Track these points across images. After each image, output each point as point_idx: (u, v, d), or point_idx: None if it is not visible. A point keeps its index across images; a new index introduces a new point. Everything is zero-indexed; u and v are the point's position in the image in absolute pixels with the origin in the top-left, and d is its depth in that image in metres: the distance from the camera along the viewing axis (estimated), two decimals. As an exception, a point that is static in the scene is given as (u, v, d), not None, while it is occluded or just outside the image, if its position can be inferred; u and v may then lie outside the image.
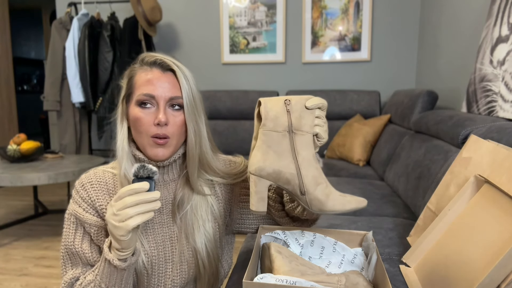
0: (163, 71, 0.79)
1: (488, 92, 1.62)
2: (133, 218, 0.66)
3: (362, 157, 2.55)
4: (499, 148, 0.82)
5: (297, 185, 0.68)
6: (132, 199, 0.66)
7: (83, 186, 0.82)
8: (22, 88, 6.98)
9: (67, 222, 0.82)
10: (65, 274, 0.81)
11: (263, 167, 0.68)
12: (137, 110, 0.78)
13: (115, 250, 0.71)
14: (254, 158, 0.69)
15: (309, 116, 0.69)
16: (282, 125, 0.69)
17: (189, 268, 0.85)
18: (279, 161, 0.68)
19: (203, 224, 0.85)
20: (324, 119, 0.71)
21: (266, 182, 0.69)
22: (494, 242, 0.67)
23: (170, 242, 0.84)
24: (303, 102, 0.70)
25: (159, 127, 0.76)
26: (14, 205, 3.24)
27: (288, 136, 0.69)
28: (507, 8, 1.58)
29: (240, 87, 3.32)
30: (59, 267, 2.12)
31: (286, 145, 0.69)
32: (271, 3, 3.19)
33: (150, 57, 0.80)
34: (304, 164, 0.68)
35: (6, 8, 4.27)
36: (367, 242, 0.78)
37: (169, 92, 0.77)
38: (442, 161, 1.46)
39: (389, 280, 0.62)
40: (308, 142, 0.69)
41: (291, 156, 0.69)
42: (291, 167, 0.68)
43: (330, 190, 0.69)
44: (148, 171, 0.69)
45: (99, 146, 3.50)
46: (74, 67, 3.03)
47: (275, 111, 0.69)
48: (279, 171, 0.68)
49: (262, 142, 0.69)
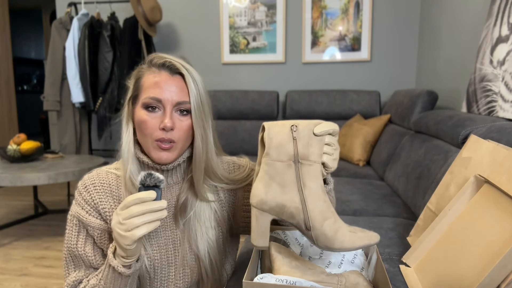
0: (171, 74, 0.77)
1: (488, 92, 1.62)
2: (139, 227, 0.65)
3: (362, 157, 2.55)
4: (499, 148, 0.82)
5: (302, 220, 0.63)
6: (139, 208, 0.65)
7: (86, 188, 0.81)
8: (22, 88, 6.97)
9: (70, 224, 0.81)
10: (68, 276, 0.81)
11: (265, 201, 0.63)
12: (143, 113, 0.76)
13: (120, 257, 0.71)
14: (256, 190, 0.64)
15: (318, 143, 0.64)
16: (287, 154, 0.64)
17: (191, 272, 0.85)
18: (283, 194, 0.63)
19: (206, 231, 0.84)
20: (335, 145, 0.67)
21: (268, 217, 0.64)
22: (494, 242, 0.67)
23: (173, 245, 0.84)
24: (312, 128, 0.65)
25: (164, 132, 0.75)
26: (14, 205, 3.24)
27: (294, 167, 0.64)
28: (507, 8, 1.58)
29: (240, 87, 3.32)
30: (59, 267, 2.12)
31: (291, 176, 0.63)
32: (271, 3, 3.19)
33: (159, 58, 0.78)
34: (311, 198, 0.63)
35: (6, 8, 4.27)
36: (367, 242, 0.78)
37: (176, 96, 0.75)
38: (442, 161, 1.46)
39: (389, 280, 0.62)
40: (315, 173, 0.64)
41: (296, 188, 0.63)
42: (296, 200, 0.63)
43: (338, 225, 0.63)
44: (155, 180, 0.68)
45: (99, 146, 3.50)
46: (74, 67, 3.03)
47: (280, 137, 0.65)
48: (283, 205, 0.63)
49: (265, 172, 0.64)
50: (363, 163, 2.55)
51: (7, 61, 4.29)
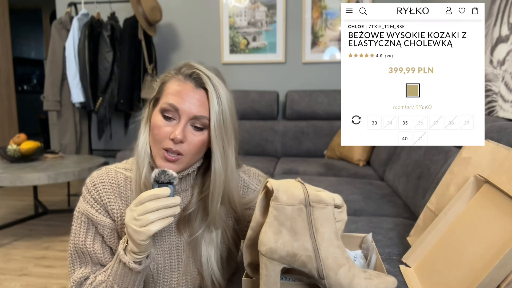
0: (195, 86, 0.75)
1: (488, 92, 1.62)
2: (154, 223, 0.66)
3: (362, 157, 2.55)
4: (499, 148, 0.82)
5: (315, 268, 0.59)
6: (153, 204, 0.66)
7: (95, 186, 0.80)
8: (22, 88, 6.97)
9: (77, 221, 0.80)
10: (73, 273, 0.80)
11: (275, 249, 0.59)
12: (159, 117, 0.75)
13: (131, 253, 0.71)
14: (265, 237, 0.60)
15: (327, 192, 0.63)
16: (297, 198, 0.60)
17: (193, 280, 0.84)
18: (294, 241, 0.59)
19: (212, 252, 0.83)
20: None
21: (278, 266, 0.60)
22: (494, 242, 0.67)
23: (176, 251, 0.83)
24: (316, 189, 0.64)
25: (173, 143, 0.73)
26: (14, 205, 3.24)
27: (305, 210, 0.60)
28: (507, 8, 1.58)
29: (240, 87, 3.32)
30: (59, 267, 2.12)
31: (302, 221, 0.59)
32: (271, 3, 3.19)
33: (188, 68, 0.77)
34: (324, 244, 0.59)
35: (6, 8, 4.27)
36: (366, 244, 0.78)
37: (195, 109, 0.74)
38: (442, 161, 1.46)
39: (389, 280, 0.62)
40: (328, 216, 0.60)
41: (308, 234, 0.59)
42: (308, 248, 0.59)
43: (353, 272, 0.60)
44: (169, 177, 0.69)
45: (99, 146, 3.50)
46: (74, 67, 3.03)
47: (287, 184, 0.62)
48: (294, 253, 0.59)
49: (274, 218, 0.60)
50: (363, 163, 2.55)
51: (7, 61, 4.29)
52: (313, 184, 0.67)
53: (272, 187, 0.60)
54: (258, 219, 0.64)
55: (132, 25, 3.02)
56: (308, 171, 2.41)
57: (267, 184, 0.62)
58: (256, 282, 0.66)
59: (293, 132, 2.99)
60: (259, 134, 3.02)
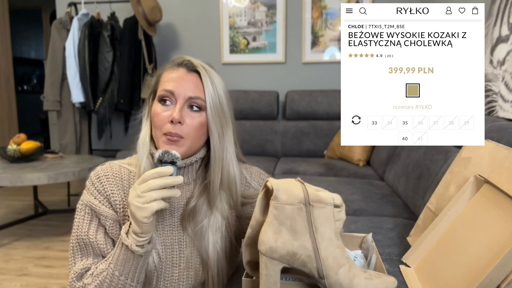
0: (188, 71, 0.80)
1: (488, 92, 1.62)
2: (157, 201, 0.68)
3: (362, 157, 2.55)
4: (499, 148, 0.82)
5: (315, 268, 0.59)
6: (157, 182, 0.67)
7: (99, 179, 0.81)
8: (22, 88, 6.97)
9: (81, 213, 0.81)
10: (74, 265, 0.80)
11: (274, 248, 0.59)
12: (157, 105, 0.78)
13: (133, 235, 0.71)
14: (265, 236, 0.60)
15: (326, 192, 0.64)
16: (297, 197, 0.60)
17: (196, 275, 0.84)
18: (294, 240, 0.59)
19: (218, 240, 0.84)
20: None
21: (278, 265, 0.60)
22: (494, 242, 0.67)
23: (178, 246, 0.83)
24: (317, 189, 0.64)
25: (173, 125, 0.76)
26: (14, 205, 3.24)
27: (305, 210, 0.60)
28: (507, 8, 1.58)
29: (240, 87, 3.32)
30: (59, 267, 2.12)
31: (302, 221, 0.60)
32: (271, 3, 3.19)
33: (179, 58, 0.82)
34: (324, 244, 0.59)
35: (6, 8, 4.27)
36: (366, 244, 0.78)
37: (190, 91, 0.77)
38: (442, 161, 1.46)
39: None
40: (328, 216, 0.61)
41: (308, 233, 0.60)
42: (308, 247, 0.59)
43: (354, 272, 0.60)
44: (172, 156, 0.71)
45: (99, 146, 3.50)
46: (74, 67, 3.03)
47: (287, 183, 0.62)
48: (294, 253, 0.59)
49: (274, 217, 0.60)
50: (363, 163, 2.55)
51: (7, 61, 4.29)
52: (313, 184, 0.66)
53: (272, 186, 0.60)
54: (257, 218, 0.64)
55: (132, 25, 3.02)
56: (308, 171, 2.41)
57: (267, 183, 0.62)
58: (256, 282, 0.66)
59: (293, 132, 2.99)
60: (259, 134, 3.02)
